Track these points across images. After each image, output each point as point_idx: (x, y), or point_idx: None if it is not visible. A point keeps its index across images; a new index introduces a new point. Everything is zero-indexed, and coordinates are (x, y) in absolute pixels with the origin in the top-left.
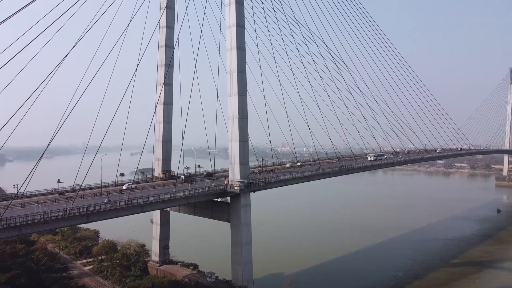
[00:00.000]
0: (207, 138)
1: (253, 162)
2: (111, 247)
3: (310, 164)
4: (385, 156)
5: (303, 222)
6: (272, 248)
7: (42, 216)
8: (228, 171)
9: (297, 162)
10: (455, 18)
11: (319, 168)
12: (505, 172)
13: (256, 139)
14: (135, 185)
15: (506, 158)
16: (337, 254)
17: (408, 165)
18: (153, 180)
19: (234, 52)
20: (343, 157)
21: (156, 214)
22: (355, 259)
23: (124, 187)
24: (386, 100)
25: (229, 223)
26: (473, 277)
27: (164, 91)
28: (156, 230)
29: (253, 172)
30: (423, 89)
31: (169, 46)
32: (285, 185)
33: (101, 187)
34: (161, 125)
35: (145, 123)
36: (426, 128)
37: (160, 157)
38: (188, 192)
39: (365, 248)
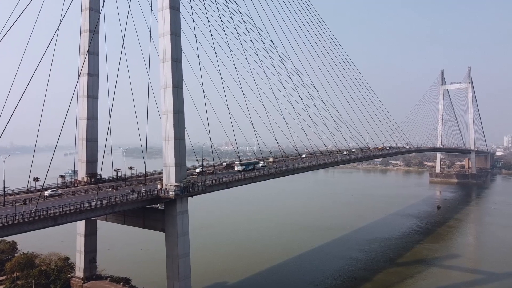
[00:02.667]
0: (140, 136)
1: (194, 162)
2: (27, 262)
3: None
4: (261, 164)
5: (250, 224)
6: (216, 254)
7: None
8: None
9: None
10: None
11: (265, 168)
12: (437, 169)
13: (198, 137)
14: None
15: (438, 155)
16: (284, 258)
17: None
18: (75, 185)
19: (168, 38)
20: (287, 156)
21: (80, 224)
22: (303, 263)
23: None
24: (332, 100)
25: (164, 233)
26: (421, 277)
27: (88, 83)
28: (80, 241)
29: (192, 174)
30: (367, 90)
31: (93, 31)
32: (227, 188)
33: (4, 194)
34: (85, 121)
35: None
36: (370, 128)
37: (84, 158)
38: (114, 200)
39: (312, 250)
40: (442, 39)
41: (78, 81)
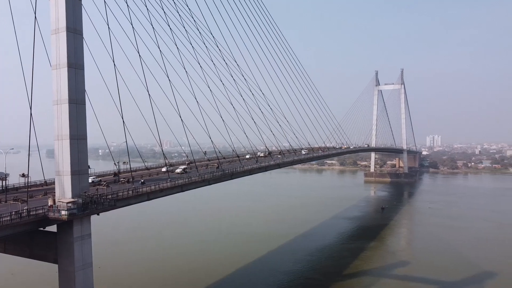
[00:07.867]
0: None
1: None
2: None
3: (185, 170)
4: None
5: (177, 233)
6: (139, 278)
7: None
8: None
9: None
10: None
11: (197, 173)
12: (372, 169)
13: (137, 137)
14: None
15: (373, 155)
16: (221, 275)
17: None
18: None
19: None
20: (224, 158)
21: None
22: (243, 283)
23: None
24: (276, 100)
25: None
26: None
27: None
28: None
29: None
30: (311, 88)
31: None
32: (148, 200)
33: None
34: None
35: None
36: (313, 128)
37: None
38: None
39: (254, 263)
40: (380, 40)
41: None
